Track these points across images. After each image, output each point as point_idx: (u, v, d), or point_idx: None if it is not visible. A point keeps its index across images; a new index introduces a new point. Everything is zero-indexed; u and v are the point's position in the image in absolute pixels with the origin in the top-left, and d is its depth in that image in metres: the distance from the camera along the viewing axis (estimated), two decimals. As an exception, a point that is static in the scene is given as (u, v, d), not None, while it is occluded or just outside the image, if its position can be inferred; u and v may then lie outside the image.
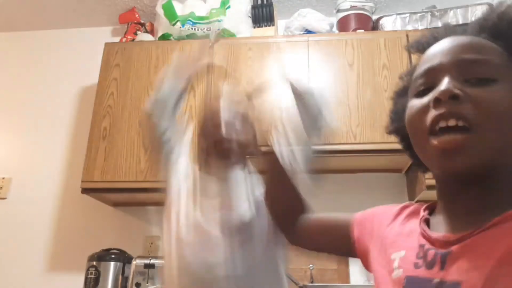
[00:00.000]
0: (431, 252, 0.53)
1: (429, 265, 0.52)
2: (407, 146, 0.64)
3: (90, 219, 2.14)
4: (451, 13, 1.98)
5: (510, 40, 0.55)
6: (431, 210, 0.62)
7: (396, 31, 1.99)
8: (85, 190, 1.91)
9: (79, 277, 1.90)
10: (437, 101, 0.51)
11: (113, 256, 1.87)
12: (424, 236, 0.56)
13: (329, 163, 1.96)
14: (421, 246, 0.55)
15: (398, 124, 0.65)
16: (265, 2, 2.27)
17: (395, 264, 0.57)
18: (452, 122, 0.50)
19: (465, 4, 1.97)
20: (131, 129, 1.93)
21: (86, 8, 2.45)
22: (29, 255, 2.12)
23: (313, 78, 1.92)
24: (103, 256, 1.86)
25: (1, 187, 2.27)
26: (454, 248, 0.51)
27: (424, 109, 0.54)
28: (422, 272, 0.53)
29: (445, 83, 0.52)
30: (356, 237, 0.71)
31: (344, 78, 1.90)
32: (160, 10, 2.15)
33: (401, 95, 0.66)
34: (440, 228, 0.56)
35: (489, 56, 0.53)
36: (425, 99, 0.54)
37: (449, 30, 0.61)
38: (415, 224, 0.60)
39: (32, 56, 2.56)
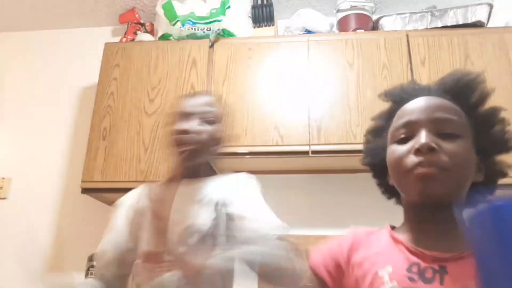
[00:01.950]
0: (429, 270, 0.63)
1: (428, 281, 0.62)
2: (378, 176, 0.81)
3: (90, 219, 2.14)
4: (451, 13, 1.98)
5: (465, 103, 0.72)
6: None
7: (396, 31, 1.99)
8: (85, 190, 1.91)
9: (79, 277, 1.90)
10: (418, 151, 0.66)
11: (113, 256, 1.87)
12: (415, 253, 0.66)
13: (329, 163, 1.97)
14: (415, 263, 0.65)
15: (374, 159, 0.80)
16: (265, 2, 2.27)
17: (385, 278, 0.65)
18: (429, 169, 0.64)
19: (465, 4, 1.97)
20: (131, 129, 1.93)
21: (86, 8, 2.45)
22: (29, 255, 2.12)
23: (313, 78, 1.92)
24: (103, 256, 1.86)
25: (1, 187, 2.27)
26: (448, 265, 0.63)
27: (405, 155, 0.68)
28: (421, 285, 0.62)
29: (423, 137, 0.66)
30: (326, 277, 0.76)
31: (344, 78, 1.90)
32: (160, 10, 2.15)
33: (377, 134, 0.81)
34: (412, 244, 0.69)
35: (454, 116, 0.69)
36: (405, 147, 0.69)
37: (419, 89, 0.77)
38: (385, 242, 0.72)
39: (32, 56, 2.56)
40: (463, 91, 0.73)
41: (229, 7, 2.12)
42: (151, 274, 0.98)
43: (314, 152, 1.80)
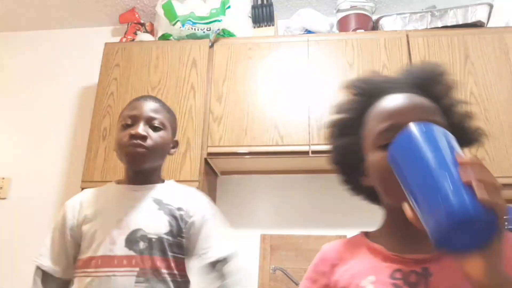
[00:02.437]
0: (413, 274, 0.61)
1: (413, 285, 0.60)
2: (347, 174, 0.77)
3: (90, 219, 2.14)
4: (451, 13, 1.98)
5: (433, 95, 0.69)
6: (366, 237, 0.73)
7: (396, 31, 1.99)
8: (85, 190, 1.91)
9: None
10: None
11: (113, 256, 1.86)
12: (396, 259, 0.64)
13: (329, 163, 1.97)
14: (397, 269, 0.62)
15: (346, 159, 0.75)
16: (265, 2, 2.27)
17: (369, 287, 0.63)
18: None
19: (465, 4, 1.97)
20: (131, 129, 1.93)
21: (86, 8, 2.45)
22: (29, 255, 2.11)
23: (313, 78, 1.92)
24: (103, 256, 1.86)
25: (1, 187, 2.27)
26: (431, 266, 0.60)
27: None
28: None
29: None
30: None
31: (344, 78, 1.90)
32: (160, 10, 2.15)
33: (346, 130, 0.75)
34: (392, 248, 0.66)
35: (437, 117, 0.65)
36: None
37: (390, 82, 0.73)
38: (363, 252, 0.69)
39: (32, 56, 2.56)
40: (431, 84, 0.71)
41: (229, 7, 2.12)
42: (103, 279, 0.97)
43: (314, 152, 1.80)
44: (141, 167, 1.09)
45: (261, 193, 2.12)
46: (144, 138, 1.06)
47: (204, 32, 2.08)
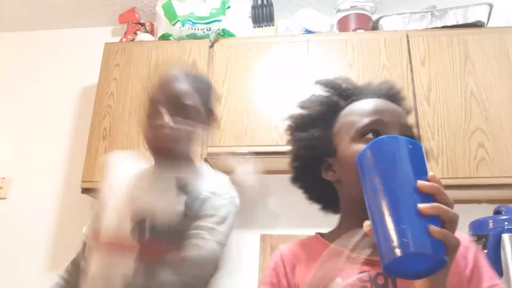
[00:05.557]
0: (380, 276, 0.62)
1: (381, 287, 0.61)
2: (306, 169, 0.78)
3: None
4: (451, 13, 1.98)
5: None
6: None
7: (396, 31, 1.99)
8: (85, 190, 1.91)
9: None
10: None
11: (113, 256, 1.86)
12: (363, 261, 0.63)
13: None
14: (365, 271, 0.63)
15: (312, 152, 0.75)
16: (265, 2, 2.27)
17: None
18: None
19: (465, 4, 1.97)
20: (131, 129, 1.93)
21: (86, 8, 2.45)
22: (29, 255, 2.12)
23: (313, 78, 1.92)
24: (103, 256, 1.86)
25: (1, 187, 2.27)
26: None
27: None
28: None
29: None
30: None
31: (344, 78, 1.90)
32: (160, 10, 2.15)
33: (315, 126, 0.75)
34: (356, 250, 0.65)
35: (409, 124, 0.72)
36: None
37: (367, 88, 0.78)
38: (325, 253, 0.67)
39: (32, 56, 2.56)
40: (397, 100, 0.77)
41: (229, 7, 2.12)
42: (111, 258, 0.93)
43: (314, 152, 1.80)
44: (164, 160, 1.03)
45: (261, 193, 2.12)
46: (170, 129, 0.98)
47: (204, 32, 2.08)
